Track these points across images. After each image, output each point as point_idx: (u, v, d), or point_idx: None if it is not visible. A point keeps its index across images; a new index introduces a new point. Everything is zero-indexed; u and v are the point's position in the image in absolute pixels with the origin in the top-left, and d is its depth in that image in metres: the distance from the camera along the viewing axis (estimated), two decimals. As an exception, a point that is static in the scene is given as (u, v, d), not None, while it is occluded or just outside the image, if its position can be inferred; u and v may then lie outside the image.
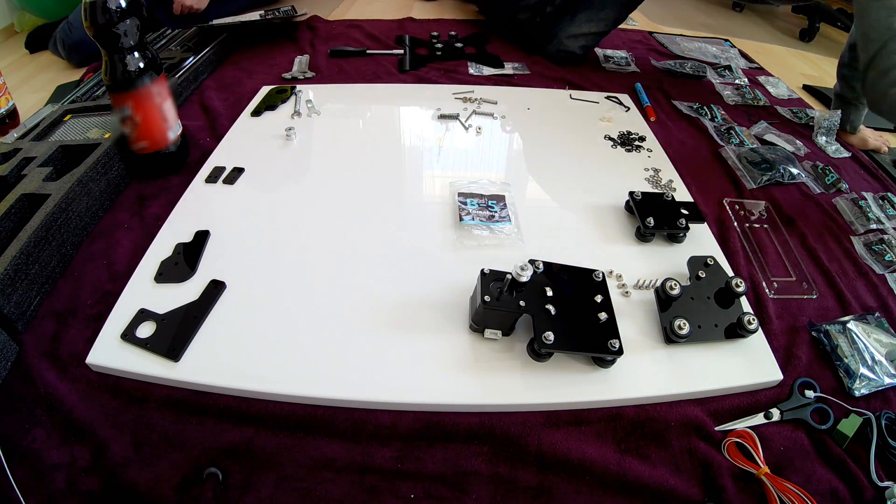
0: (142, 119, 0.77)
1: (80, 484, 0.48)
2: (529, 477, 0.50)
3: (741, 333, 0.59)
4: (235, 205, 0.77)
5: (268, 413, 0.53)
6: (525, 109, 1.03)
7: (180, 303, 0.61)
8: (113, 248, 0.71)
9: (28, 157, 0.76)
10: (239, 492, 0.48)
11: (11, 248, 0.60)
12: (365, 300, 0.62)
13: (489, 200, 0.77)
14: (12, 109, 1.00)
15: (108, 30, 0.69)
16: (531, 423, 0.53)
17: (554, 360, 0.57)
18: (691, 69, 1.25)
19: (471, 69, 1.19)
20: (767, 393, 0.57)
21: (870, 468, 0.51)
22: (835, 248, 0.77)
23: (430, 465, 0.50)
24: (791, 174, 0.89)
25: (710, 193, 0.85)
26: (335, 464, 0.50)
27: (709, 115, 1.07)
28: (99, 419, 0.52)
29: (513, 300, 0.55)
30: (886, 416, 0.54)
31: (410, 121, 0.99)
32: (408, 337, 0.59)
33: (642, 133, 0.97)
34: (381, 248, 0.70)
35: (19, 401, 0.53)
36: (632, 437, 0.53)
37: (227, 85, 1.11)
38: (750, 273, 0.71)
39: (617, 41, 1.42)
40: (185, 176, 0.82)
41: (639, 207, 0.73)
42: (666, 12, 1.72)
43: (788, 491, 0.48)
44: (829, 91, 1.24)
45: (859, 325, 0.62)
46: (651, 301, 0.63)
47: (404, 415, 0.53)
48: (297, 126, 0.93)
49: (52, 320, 0.61)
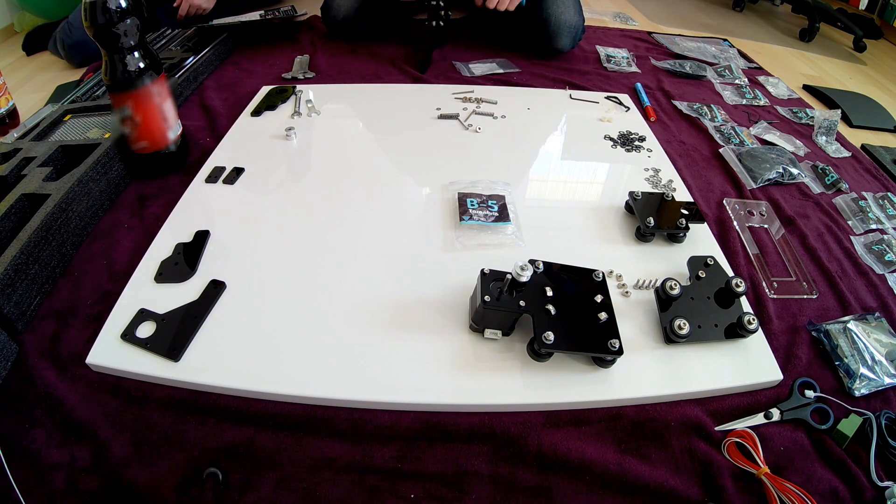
0: (142, 119, 0.77)
1: (80, 484, 0.48)
2: (529, 477, 0.50)
3: (741, 333, 0.59)
4: (235, 205, 0.77)
5: (268, 413, 0.53)
6: (525, 109, 1.03)
7: (180, 303, 0.61)
8: (113, 248, 0.71)
9: (28, 157, 0.76)
10: (239, 492, 0.48)
11: (11, 248, 0.60)
12: (365, 300, 0.62)
13: (489, 200, 0.77)
14: (12, 109, 1.00)
15: (108, 30, 0.69)
16: (531, 423, 0.53)
17: (554, 360, 0.57)
18: (691, 69, 1.25)
19: (464, 71, 1.19)
20: (767, 393, 0.57)
21: (870, 468, 0.51)
22: (835, 248, 0.77)
23: (430, 465, 0.50)
24: (791, 174, 0.89)
25: (710, 193, 0.85)
26: (335, 464, 0.50)
27: (709, 115, 1.07)
28: (99, 419, 0.52)
29: (513, 300, 0.55)
30: (886, 416, 0.54)
31: (410, 121, 0.99)
32: (408, 337, 0.59)
33: (642, 133, 0.97)
34: (380, 247, 0.70)
35: (19, 401, 0.54)
36: (632, 437, 0.53)
37: (227, 85, 1.11)
38: (750, 273, 0.71)
39: (617, 41, 1.42)
40: (185, 176, 0.82)
41: (639, 207, 0.73)
42: (666, 12, 1.72)
43: (788, 491, 0.48)
44: (829, 91, 1.24)
45: (859, 325, 0.62)
46: (651, 301, 0.63)
47: (404, 415, 0.53)
48: (297, 126, 0.93)
49: (52, 320, 0.61)
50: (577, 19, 1.23)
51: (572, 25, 1.21)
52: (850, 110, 1.16)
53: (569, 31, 1.22)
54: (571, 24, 1.21)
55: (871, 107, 1.21)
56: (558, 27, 1.20)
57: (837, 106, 1.17)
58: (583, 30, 1.27)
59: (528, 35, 1.28)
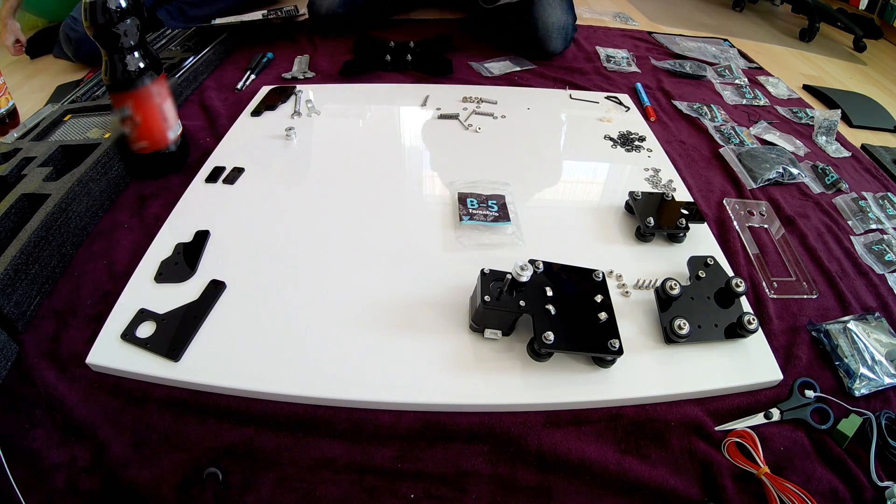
0: (142, 119, 0.77)
1: (80, 484, 0.48)
2: (529, 477, 0.50)
3: (741, 333, 0.59)
4: (235, 205, 0.77)
5: (268, 413, 0.53)
6: (525, 109, 1.03)
7: (180, 303, 0.61)
8: (113, 248, 0.71)
9: (28, 157, 0.76)
10: (239, 492, 0.48)
11: (11, 248, 0.60)
12: (365, 300, 0.62)
13: (489, 200, 0.77)
14: (12, 109, 1.00)
15: (108, 30, 0.69)
16: (531, 423, 0.53)
17: (554, 360, 0.57)
18: (691, 69, 1.25)
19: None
20: (767, 393, 0.57)
21: (870, 468, 0.51)
22: (835, 248, 0.77)
23: (430, 465, 0.50)
24: (791, 174, 0.89)
25: (710, 193, 0.85)
26: (335, 464, 0.50)
27: (709, 115, 1.07)
28: (99, 419, 0.52)
29: (513, 300, 0.55)
30: (886, 416, 0.54)
31: (410, 121, 0.99)
32: (408, 337, 0.59)
33: (642, 133, 0.97)
34: (380, 247, 0.70)
35: (19, 401, 0.54)
36: (632, 437, 0.53)
37: (227, 85, 1.11)
38: (750, 273, 0.71)
39: (617, 41, 1.42)
40: (185, 176, 0.82)
41: (639, 207, 0.73)
42: (666, 12, 1.72)
43: (788, 491, 0.48)
44: (829, 91, 1.24)
45: (859, 325, 0.62)
46: (651, 301, 0.63)
47: (404, 415, 0.53)
48: (297, 126, 0.93)
49: (52, 320, 0.61)
50: (566, 18, 1.19)
51: (561, 26, 1.19)
52: (850, 110, 1.16)
53: (558, 31, 1.19)
54: (560, 24, 1.18)
55: (871, 107, 1.21)
56: (547, 30, 1.18)
57: (837, 106, 1.17)
58: (574, 27, 1.23)
59: (520, 39, 1.26)
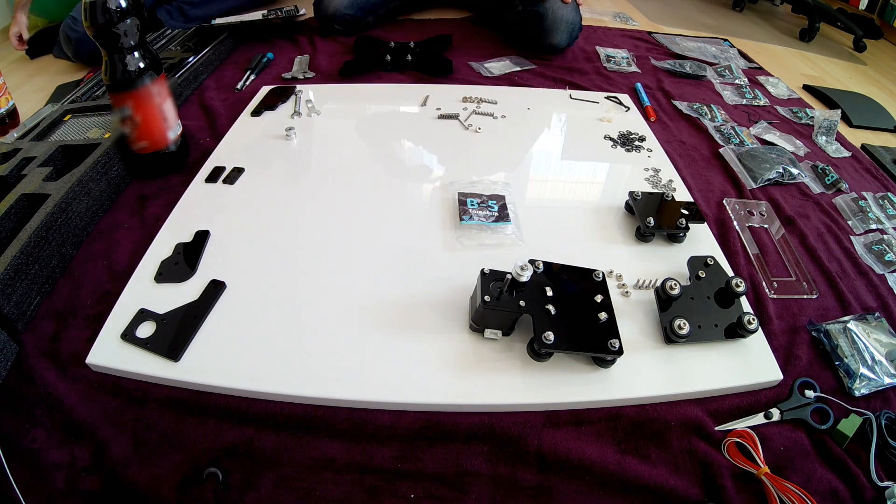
0: (142, 119, 0.77)
1: (80, 484, 0.48)
2: (529, 477, 0.50)
3: (741, 333, 0.59)
4: (235, 205, 0.77)
5: (268, 413, 0.53)
6: (525, 109, 1.03)
7: (180, 303, 0.61)
8: (113, 248, 0.71)
9: (28, 157, 0.76)
10: (239, 492, 0.48)
11: (11, 248, 0.60)
12: (365, 300, 0.62)
13: (489, 200, 0.77)
14: (12, 109, 1.00)
15: (108, 30, 0.69)
16: (531, 423, 0.53)
17: (554, 360, 0.57)
18: (691, 69, 1.25)
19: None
20: (767, 393, 0.57)
21: (870, 468, 0.51)
22: (835, 248, 0.77)
23: (430, 465, 0.50)
24: (791, 174, 0.89)
25: (710, 193, 0.85)
26: (335, 464, 0.50)
27: (709, 115, 1.07)
28: (99, 419, 0.52)
29: (513, 300, 0.55)
30: (886, 416, 0.54)
31: (410, 121, 0.99)
32: (408, 337, 0.59)
33: (642, 133, 0.97)
34: (381, 247, 0.70)
35: (19, 401, 0.54)
36: (632, 437, 0.53)
37: (227, 85, 1.11)
38: (750, 273, 0.71)
39: (617, 41, 1.42)
40: (185, 176, 0.82)
41: (639, 207, 0.73)
42: (666, 12, 1.72)
43: (788, 491, 0.48)
44: (829, 91, 1.24)
45: (859, 325, 0.62)
46: (651, 301, 0.63)
47: (404, 415, 0.53)
48: (297, 126, 0.93)
49: (52, 320, 0.61)
50: (575, 16, 1.22)
51: (570, 21, 1.20)
52: (850, 110, 1.16)
53: (566, 26, 1.21)
54: (569, 19, 1.20)
55: (871, 107, 1.21)
56: (555, 22, 1.19)
57: (837, 106, 1.17)
58: (580, 27, 1.26)
59: (524, 33, 1.27)
